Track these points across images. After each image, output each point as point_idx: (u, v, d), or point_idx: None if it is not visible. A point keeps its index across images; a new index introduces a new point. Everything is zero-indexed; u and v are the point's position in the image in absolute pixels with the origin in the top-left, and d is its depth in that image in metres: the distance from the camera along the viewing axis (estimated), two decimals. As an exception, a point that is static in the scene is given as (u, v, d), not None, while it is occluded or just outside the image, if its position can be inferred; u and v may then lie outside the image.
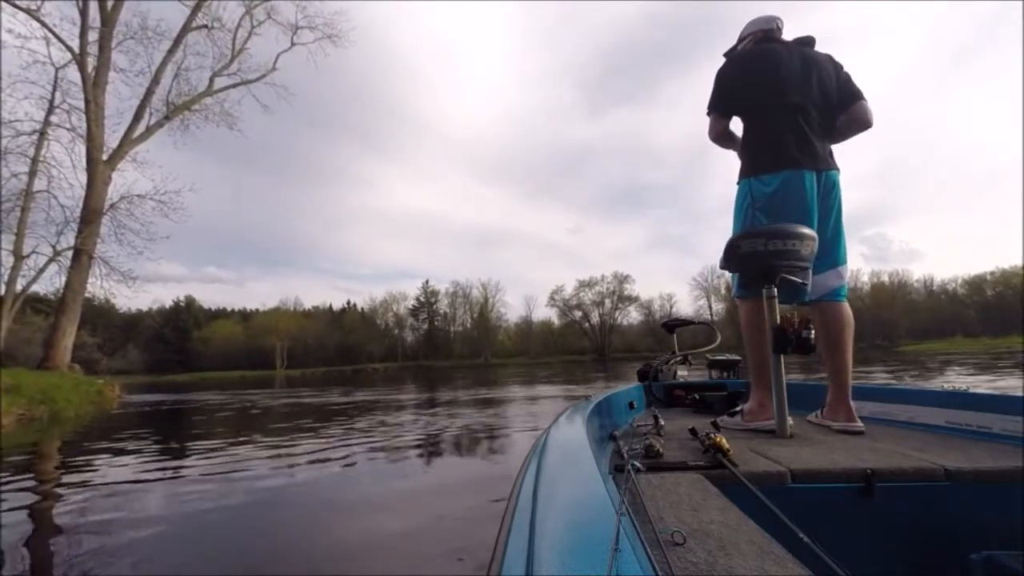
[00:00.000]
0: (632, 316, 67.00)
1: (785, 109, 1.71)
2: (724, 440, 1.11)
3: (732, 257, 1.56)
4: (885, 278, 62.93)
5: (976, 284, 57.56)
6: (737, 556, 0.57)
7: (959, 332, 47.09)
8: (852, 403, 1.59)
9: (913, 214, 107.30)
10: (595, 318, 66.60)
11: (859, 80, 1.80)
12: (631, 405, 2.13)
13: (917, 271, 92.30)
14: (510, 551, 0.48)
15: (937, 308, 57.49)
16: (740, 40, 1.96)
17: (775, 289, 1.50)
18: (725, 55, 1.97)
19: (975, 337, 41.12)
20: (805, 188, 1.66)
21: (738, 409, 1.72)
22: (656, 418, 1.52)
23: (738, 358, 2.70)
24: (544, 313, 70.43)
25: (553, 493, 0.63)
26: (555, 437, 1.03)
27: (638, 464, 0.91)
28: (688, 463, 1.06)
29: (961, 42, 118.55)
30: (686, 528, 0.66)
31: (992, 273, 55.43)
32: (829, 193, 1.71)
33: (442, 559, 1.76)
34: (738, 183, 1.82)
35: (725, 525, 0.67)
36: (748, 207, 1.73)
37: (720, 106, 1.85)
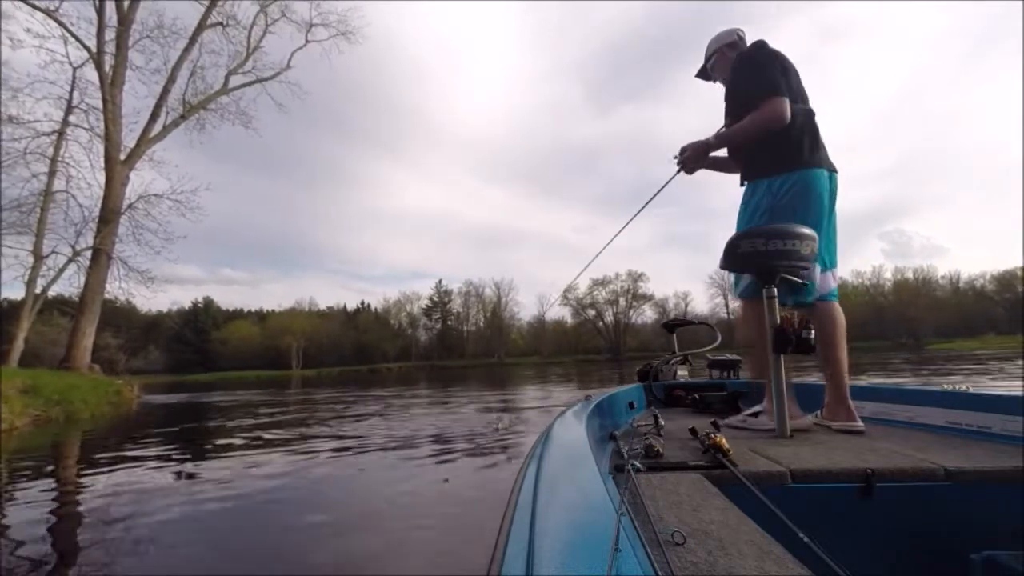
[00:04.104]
0: (647, 315, 66.09)
1: (803, 109, 1.74)
2: (724, 440, 1.10)
3: (732, 256, 1.55)
4: (909, 274, 61.20)
5: (1006, 280, 55.55)
6: (737, 556, 0.57)
7: (989, 330, 45.33)
8: (852, 403, 1.59)
9: (934, 209, 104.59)
10: (609, 317, 65.94)
11: (879, 71, 1.67)
12: (631, 405, 2.11)
13: (942, 267, 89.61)
14: (510, 551, 0.48)
15: (964, 305, 55.64)
16: (707, 58, 2.01)
17: (775, 289, 1.50)
18: (698, 76, 2.08)
19: (1009, 335, 39.38)
20: (822, 188, 1.70)
21: (759, 410, 1.69)
22: (656, 418, 1.50)
23: (738, 358, 2.71)
24: (557, 312, 69.87)
25: (553, 493, 0.63)
26: (555, 437, 1.02)
27: (638, 464, 0.91)
28: (688, 463, 1.05)
29: (984, 30, 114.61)
30: (686, 528, 0.65)
31: (1023, 269, 53.39)
32: (833, 195, 1.76)
33: None
34: (751, 182, 1.80)
35: (725, 525, 0.67)
36: (767, 208, 1.71)
37: (784, 88, 1.72)
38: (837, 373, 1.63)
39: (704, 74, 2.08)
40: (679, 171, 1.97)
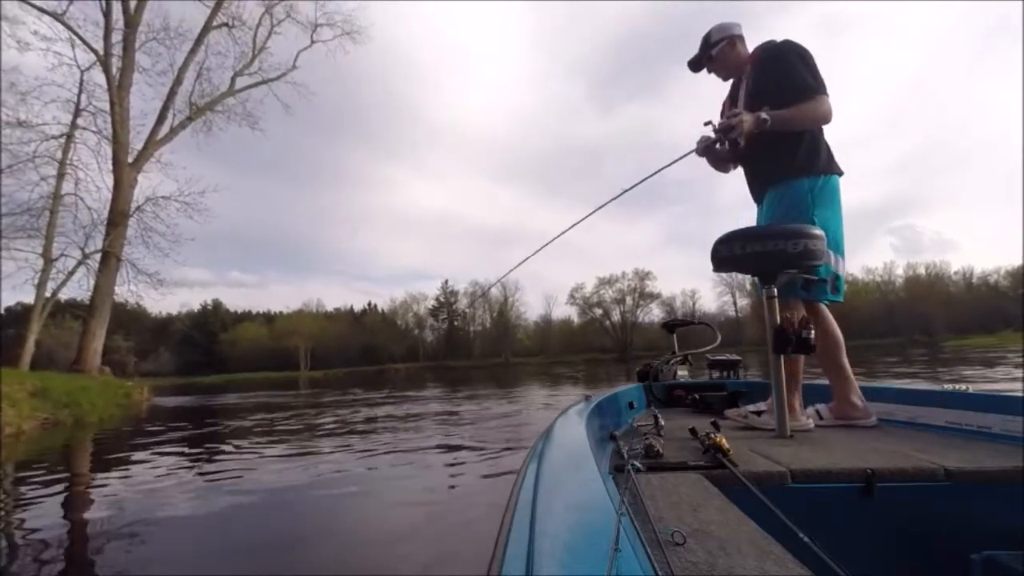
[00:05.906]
0: (654, 314, 65.54)
1: None
2: (724, 440, 1.09)
3: (717, 258, 1.54)
4: (922, 270, 60.39)
5: (1020, 276, 54.61)
6: (737, 556, 0.57)
7: (1004, 327, 44.38)
8: (856, 399, 1.62)
9: (944, 202, 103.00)
10: (616, 316, 65.61)
11: (887, 63, 1.61)
12: (631, 405, 2.13)
13: (954, 262, 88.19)
14: (510, 551, 0.48)
15: (978, 301, 54.75)
16: (712, 45, 1.89)
17: (775, 289, 1.50)
18: (690, 64, 1.95)
19: (1025, 332, 38.52)
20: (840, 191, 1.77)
21: (763, 408, 1.67)
22: (656, 418, 1.49)
23: (738, 358, 2.72)
24: (564, 311, 69.67)
25: (553, 493, 0.63)
26: (555, 437, 1.02)
27: (638, 464, 0.90)
28: (688, 463, 1.05)
29: (999, 18, 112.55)
30: (686, 528, 0.65)
31: (1025, 263, 52.37)
32: None
33: None
34: (793, 178, 1.72)
35: (725, 525, 0.67)
36: (809, 204, 1.67)
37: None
38: (841, 369, 1.66)
39: (697, 64, 1.94)
40: (722, 136, 1.73)
